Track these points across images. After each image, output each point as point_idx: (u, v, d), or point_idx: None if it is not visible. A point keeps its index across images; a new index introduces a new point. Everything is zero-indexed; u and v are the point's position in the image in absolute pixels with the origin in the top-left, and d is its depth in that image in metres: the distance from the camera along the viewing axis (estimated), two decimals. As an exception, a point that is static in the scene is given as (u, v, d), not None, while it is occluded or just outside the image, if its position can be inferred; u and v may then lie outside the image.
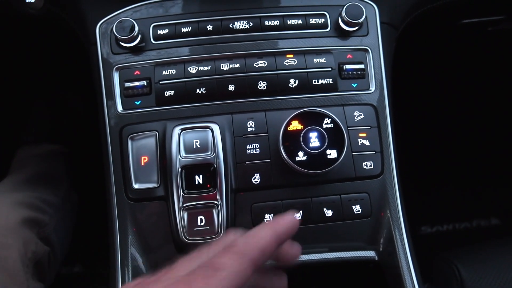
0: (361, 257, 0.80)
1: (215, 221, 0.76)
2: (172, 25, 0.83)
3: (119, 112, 0.81)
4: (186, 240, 0.75)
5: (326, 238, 0.80)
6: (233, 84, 0.81)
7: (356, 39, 0.85)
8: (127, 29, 0.79)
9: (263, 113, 0.80)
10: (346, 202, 0.80)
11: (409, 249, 0.79)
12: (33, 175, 1.20)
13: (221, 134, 0.78)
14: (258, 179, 0.78)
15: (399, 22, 0.92)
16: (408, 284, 0.77)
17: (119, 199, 0.79)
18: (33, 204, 1.04)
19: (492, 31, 1.36)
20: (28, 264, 0.92)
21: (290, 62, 0.82)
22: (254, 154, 0.78)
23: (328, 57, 0.83)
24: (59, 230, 1.11)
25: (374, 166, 0.80)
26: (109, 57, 0.83)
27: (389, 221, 0.80)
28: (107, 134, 0.81)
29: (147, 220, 0.78)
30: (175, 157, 0.76)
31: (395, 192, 0.81)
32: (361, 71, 0.83)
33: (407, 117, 1.86)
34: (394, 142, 0.83)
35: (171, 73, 0.81)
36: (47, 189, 1.16)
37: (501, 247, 1.03)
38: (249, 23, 0.83)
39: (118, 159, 0.79)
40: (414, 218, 1.02)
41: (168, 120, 0.80)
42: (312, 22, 0.84)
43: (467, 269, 0.94)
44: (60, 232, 1.12)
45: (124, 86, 0.81)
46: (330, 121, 0.76)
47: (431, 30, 1.39)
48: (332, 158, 0.74)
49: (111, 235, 0.79)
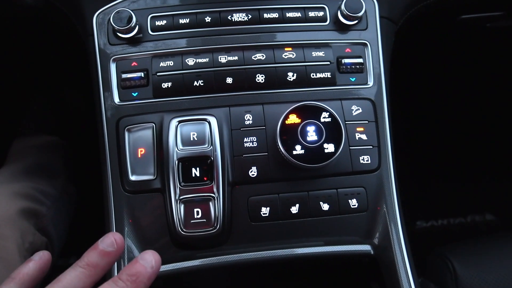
0: (357, 251, 0.81)
1: (211, 213, 0.76)
2: (170, 16, 0.82)
3: (116, 103, 0.80)
4: (182, 233, 0.75)
5: (322, 232, 0.81)
6: (231, 76, 0.80)
7: (355, 33, 0.85)
8: (124, 19, 0.78)
9: (260, 106, 0.80)
10: (343, 196, 0.80)
11: (405, 244, 0.80)
12: (30, 166, 1.19)
13: (219, 127, 0.78)
14: (255, 172, 0.78)
15: (398, 17, 0.92)
16: (403, 278, 0.77)
17: (116, 191, 0.79)
18: (30, 195, 1.04)
19: (491, 28, 1.36)
20: (26, 254, 0.92)
21: (289, 55, 0.82)
22: (252, 147, 0.78)
23: (327, 50, 0.83)
24: (57, 221, 1.11)
25: (371, 161, 0.80)
26: (106, 48, 0.82)
27: (385, 215, 0.81)
28: (103, 126, 0.80)
29: (144, 212, 0.78)
30: (172, 149, 0.76)
31: (392, 187, 0.82)
32: (359, 65, 0.83)
33: (404, 113, 1.86)
34: (392, 137, 0.83)
35: (169, 65, 0.81)
36: (44, 180, 1.15)
37: (495, 243, 1.04)
38: (247, 15, 0.83)
39: (114, 151, 0.79)
40: (409, 213, 1.02)
41: (165, 112, 0.79)
42: (311, 15, 0.84)
43: (461, 264, 0.95)
44: (57, 223, 1.11)
45: (121, 77, 0.81)
46: (328, 115, 0.76)
47: (430, 25, 1.39)
48: (330, 152, 0.74)
49: (107, 227, 0.79)
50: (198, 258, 0.78)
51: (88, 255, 0.59)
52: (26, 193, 1.03)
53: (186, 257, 0.78)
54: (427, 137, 1.97)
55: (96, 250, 0.59)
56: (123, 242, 0.62)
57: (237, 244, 0.79)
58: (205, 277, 0.88)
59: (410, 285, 0.77)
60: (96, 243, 0.60)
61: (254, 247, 0.79)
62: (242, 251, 0.79)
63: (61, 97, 1.72)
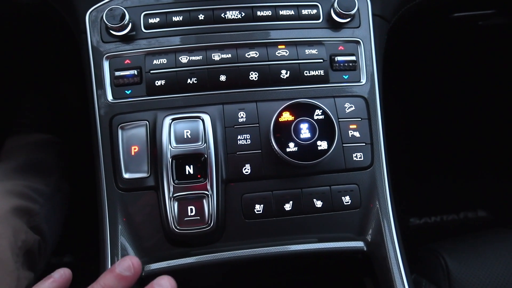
0: (350, 248, 0.81)
1: (205, 211, 0.76)
2: (163, 14, 0.82)
3: (109, 101, 0.80)
4: (176, 230, 0.75)
5: (315, 229, 0.81)
6: (225, 74, 0.80)
7: (348, 31, 0.85)
8: (117, 17, 0.78)
9: (254, 104, 0.80)
10: (336, 193, 0.80)
11: (398, 240, 0.80)
12: (23, 164, 1.19)
13: (212, 125, 0.78)
14: (248, 170, 0.78)
15: (391, 15, 0.92)
16: (396, 275, 0.78)
17: (109, 189, 0.79)
18: (23, 193, 1.03)
19: (483, 26, 1.37)
20: (18, 253, 0.92)
21: (282, 53, 0.82)
22: (245, 144, 0.78)
23: (320, 48, 0.83)
24: (50, 219, 1.11)
25: (364, 158, 0.81)
26: (99, 46, 0.82)
27: (378, 212, 0.81)
28: (97, 124, 0.80)
29: (137, 210, 0.78)
30: (166, 147, 0.76)
31: (384, 183, 0.82)
32: (352, 63, 0.84)
33: (397, 110, 1.87)
34: (384, 134, 0.84)
35: (162, 63, 0.80)
36: (37, 178, 1.15)
37: (487, 239, 1.05)
38: (241, 13, 0.83)
39: (108, 149, 0.79)
40: (402, 210, 1.03)
41: (158, 109, 0.79)
42: (304, 13, 0.84)
43: (453, 260, 0.96)
44: (50, 221, 1.11)
45: (114, 75, 0.80)
46: (321, 112, 0.76)
47: (423, 23, 1.39)
48: (323, 149, 0.75)
49: (101, 225, 0.79)
50: (192, 255, 0.78)
51: (105, 278, 0.56)
52: (18, 191, 1.03)
53: (180, 255, 0.78)
54: (420, 134, 1.98)
55: (112, 274, 0.57)
56: (140, 266, 0.60)
57: (231, 241, 0.80)
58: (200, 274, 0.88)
59: (403, 281, 0.77)
60: (113, 265, 0.58)
61: (248, 244, 0.80)
62: (236, 248, 0.79)
63: (55, 93, 1.71)
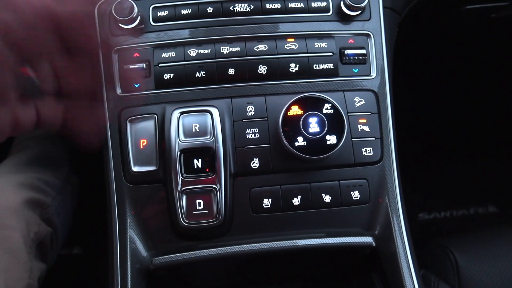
0: (359, 243, 0.81)
1: (213, 205, 0.76)
2: (172, 7, 0.82)
3: (118, 94, 0.80)
4: (184, 224, 0.76)
5: (323, 224, 0.81)
6: (233, 68, 0.80)
7: (358, 24, 0.84)
8: (126, 10, 0.78)
9: (263, 97, 0.80)
10: (345, 188, 0.80)
11: (407, 236, 0.80)
12: (34, 157, 1.20)
13: (221, 118, 0.78)
14: (257, 164, 0.78)
15: (401, 7, 0.91)
16: (404, 270, 0.77)
17: (118, 182, 0.79)
18: (35, 185, 1.04)
19: (495, 18, 1.35)
20: (31, 244, 0.93)
21: (291, 46, 0.81)
22: (254, 138, 0.78)
23: (330, 41, 0.82)
24: (61, 212, 1.12)
25: (374, 153, 0.80)
26: (108, 39, 0.82)
27: (387, 207, 0.81)
28: (105, 117, 0.80)
29: (146, 203, 0.79)
30: (174, 140, 0.76)
31: (394, 178, 0.81)
32: (362, 56, 0.82)
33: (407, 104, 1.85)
34: (394, 128, 0.83)
35: (171, 56, 0.80)
36: (48, 170, 1.16)
37: (497, 235, 1.04)
38: (250, 5, 0.82)
39: (117, 142, 0.79)
40: (412, 205, 1.02)
41: (167, 103, 0.79)
42: (313, 6, 0.83)
43: (463, 256, 0.95)
44: (61, 214, 1.12)
45: (123, 68, 0.80)
46: (330, 106, 0.75)
47: (434, 16, 1.37)
48: (332, 144, 0.74)
49: (109, 218, 0.79)
50: (200, 249, 0.79)
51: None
52: (30, 184, 1.04)
53: (188, 248, 0.79)
54: (430, 128, 1.96)
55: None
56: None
57: (239, 235, 0.80)
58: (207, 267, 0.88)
59: (412, 277, 0.77)
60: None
61: (256, 238, 0.80)
62: (244, 242, 0.79)
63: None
